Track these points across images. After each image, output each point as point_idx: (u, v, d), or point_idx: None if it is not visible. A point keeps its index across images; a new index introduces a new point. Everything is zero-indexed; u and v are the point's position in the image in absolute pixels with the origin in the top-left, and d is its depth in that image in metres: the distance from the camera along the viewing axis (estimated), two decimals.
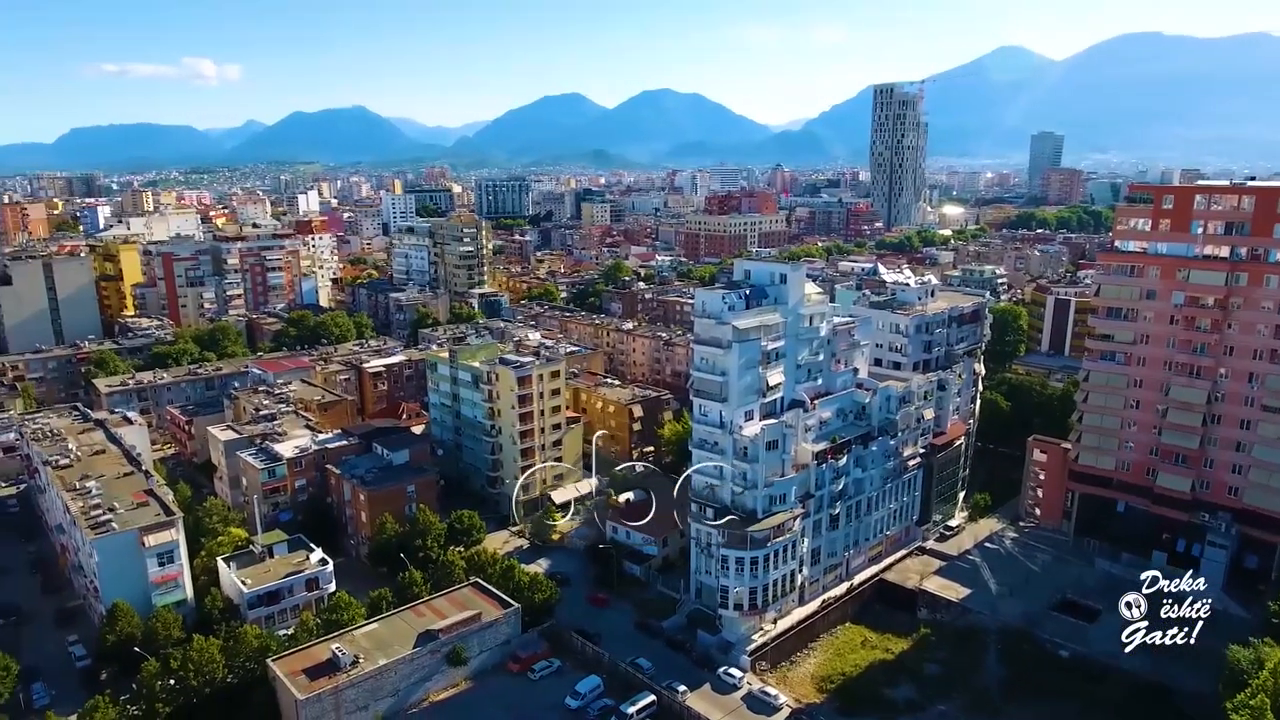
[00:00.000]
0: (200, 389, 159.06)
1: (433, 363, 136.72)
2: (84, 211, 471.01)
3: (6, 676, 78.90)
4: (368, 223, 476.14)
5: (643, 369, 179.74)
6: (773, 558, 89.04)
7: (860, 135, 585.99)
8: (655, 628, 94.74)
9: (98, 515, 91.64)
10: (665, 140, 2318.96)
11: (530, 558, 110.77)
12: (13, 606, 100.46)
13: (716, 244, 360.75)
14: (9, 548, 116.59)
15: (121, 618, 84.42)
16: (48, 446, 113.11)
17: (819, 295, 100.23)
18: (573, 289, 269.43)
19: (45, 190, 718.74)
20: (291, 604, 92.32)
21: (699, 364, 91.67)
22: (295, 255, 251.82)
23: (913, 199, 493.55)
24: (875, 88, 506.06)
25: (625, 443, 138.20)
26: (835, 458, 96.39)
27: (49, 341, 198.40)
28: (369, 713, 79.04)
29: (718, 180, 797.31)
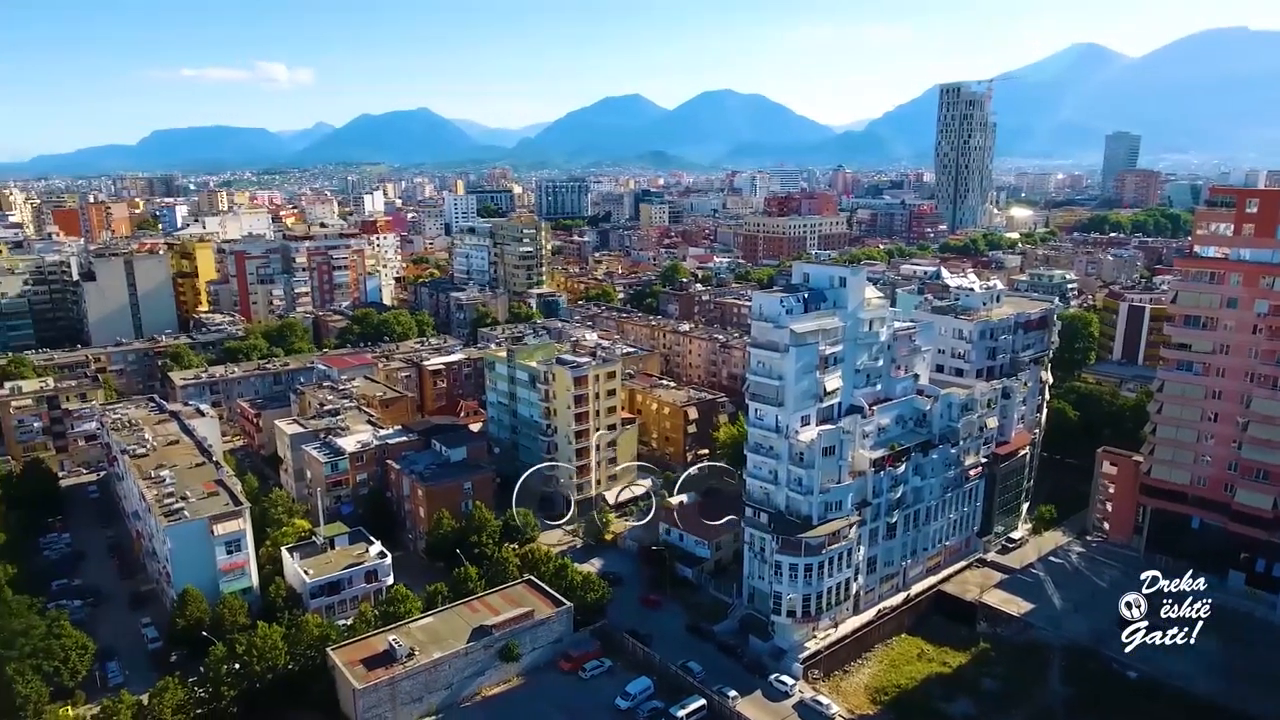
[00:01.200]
0: (268, 383, 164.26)
1: (491, 362, 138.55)
2: (163, 211, 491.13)
3: (85, 655, 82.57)
4: (430, 223, 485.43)
5: (699, 371, 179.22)
6: (827, 565, 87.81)
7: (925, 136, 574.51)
8: (707, 631, 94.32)
9: (171, 503, 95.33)
10: (725, 141, 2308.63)
11: (583, 557, 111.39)
12: (91, 588, 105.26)
13: (775, 246, 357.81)
14: (89, 532, 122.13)
15: (191, 603, 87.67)
16: (126, 436, 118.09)
17: (879, 299, 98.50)
18: (630, 290, 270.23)
19: (128, 190, 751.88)
20: (351, 595, 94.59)
21: (755, 367, 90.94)
22: (360, 254, 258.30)
23: (979, 201, 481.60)
24: (941, 87, 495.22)
25: (680, 445, 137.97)
26: (893, 465, 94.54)
27: (129, 335, 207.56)
28: (423, 704, 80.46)
29: (777, 181, 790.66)
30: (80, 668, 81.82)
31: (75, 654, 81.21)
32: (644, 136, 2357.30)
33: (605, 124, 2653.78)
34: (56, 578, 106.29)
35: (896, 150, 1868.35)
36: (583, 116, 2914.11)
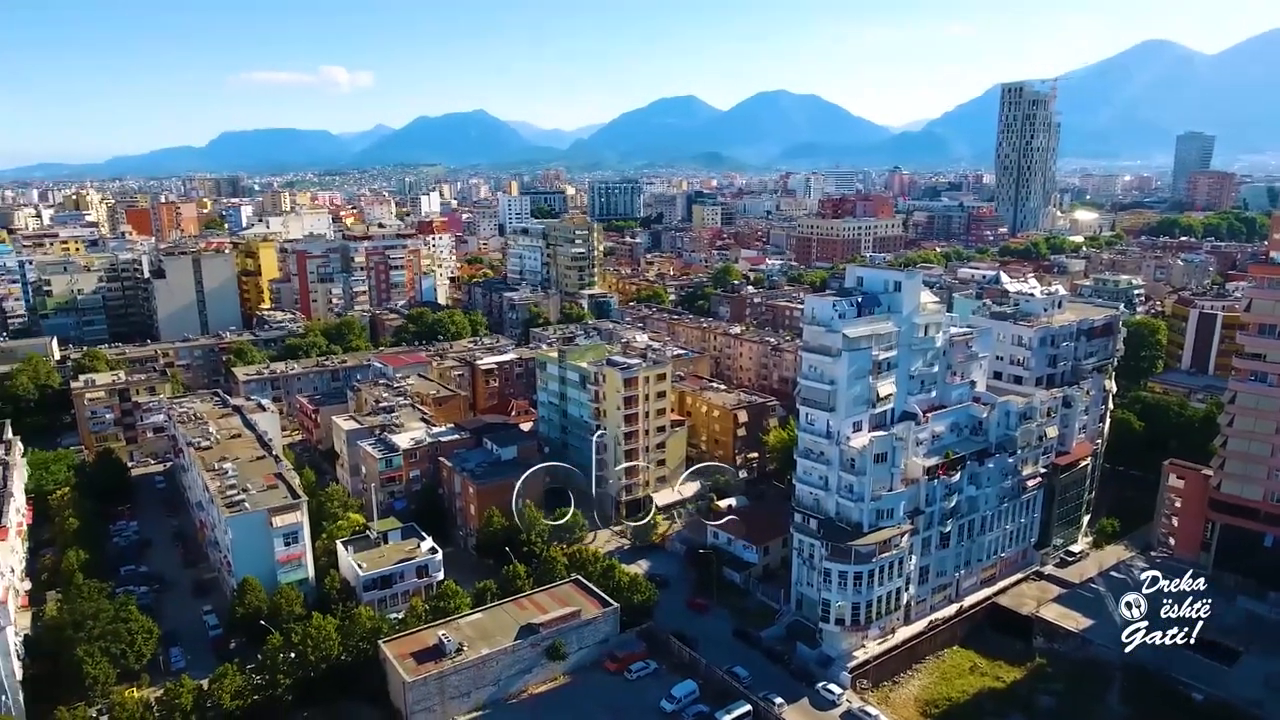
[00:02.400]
0: (326, 380, 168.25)
1: (542, 362, 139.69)
2: (229, 211, 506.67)
3: (150, 639, 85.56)
4: (485, 223, 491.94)
5: (749, 374, 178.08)
6: (878, 573, 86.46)
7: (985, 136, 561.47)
8: (753, 637, 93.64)
9: (233, 495, 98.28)
10: (779, 142, 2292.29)
11: (630, 558, 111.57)
12: (157, 575, 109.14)
13: (829, 248, 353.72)
14: (156, 521, 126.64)
15: (250, 592, 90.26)
16: (191, 429, 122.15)
17: (935, 304, 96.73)
18: (681, 292, 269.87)
19: (196, 191, 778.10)
20: (403, 589, 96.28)
21: (806, 371, 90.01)
22: (416, 254, 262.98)
23: (1041, 203, 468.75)
24: (1003, 86, 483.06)
25: (729, 448, 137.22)
26: (948, 474, 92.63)
27: (195, 331, 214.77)
28: (471, 700, 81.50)
29: (832, 183, 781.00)
30: (145, 651, 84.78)
31: (141, 638, 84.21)
32: (698, 138, 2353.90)
33: (659, 125, 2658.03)
34: (125, 564, 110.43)
35: (955, 151, 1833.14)
36: (636, 118, 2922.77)
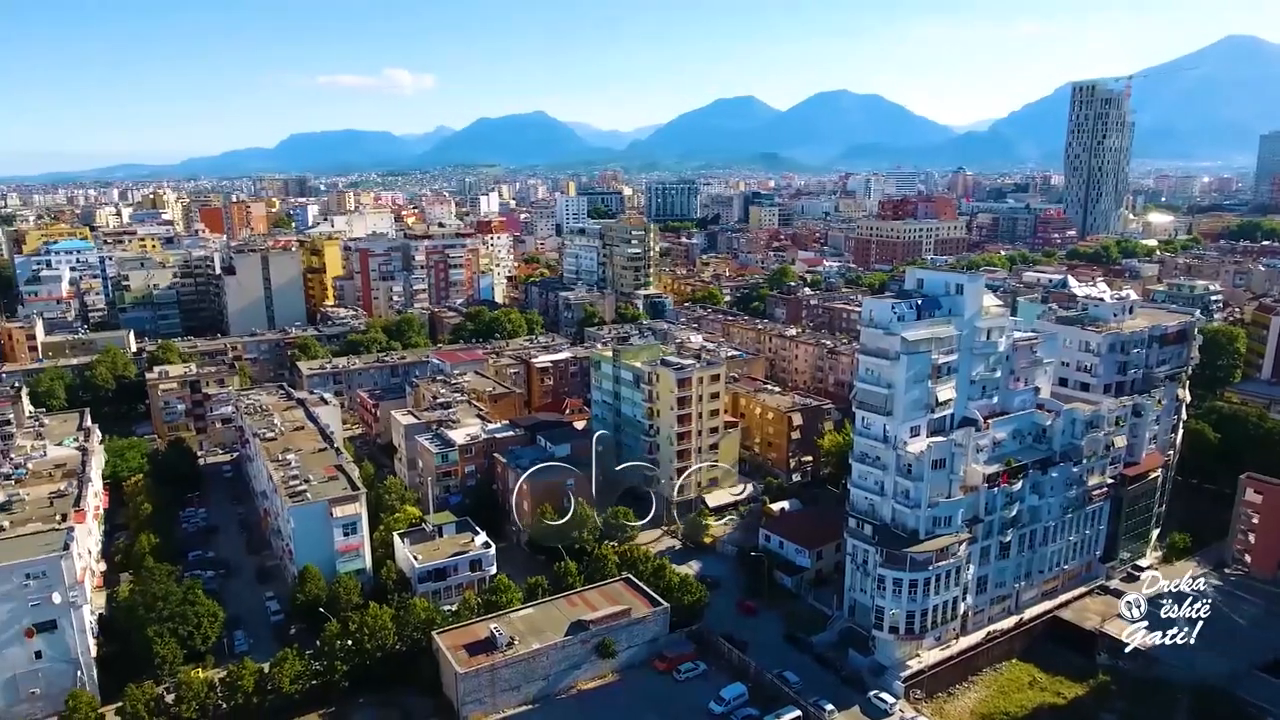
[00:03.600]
0: (386, 375, 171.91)
1: (597, 361, 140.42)
2: (296, 210, 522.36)
3: (215, 622, 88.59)
4: (542, 223, 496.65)
5: (804, 376, 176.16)
6: (934, 582, 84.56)
7: (1054, 136, 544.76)
8: (804, 642, 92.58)
9: (295, 485, 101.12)
10: (839, 143, 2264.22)
11: (681, 559, 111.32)
12: (223, 561, 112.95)
13: (888, 250, 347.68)
14: (223, 508, 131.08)
15: (310, 580, 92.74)
16: (257, 420, 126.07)
17: (999, 308, 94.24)
18: (736, 293, 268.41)
19: (265, 190, 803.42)
20: (456, 582, 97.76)
21: (863, 375, 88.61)
22: (475, 253, 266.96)
23: (1112, 205, 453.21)
24: (1074, 84, 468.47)
25: (783, 451, 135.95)
26: (1009, 482, 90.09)
27: (262, 326, 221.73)
28: (521, 693, 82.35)
29: (893, 184, 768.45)
30: (210, 634, 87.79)
31: (207, 621, 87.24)
32: (755, 138, 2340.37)
33: (716, 126, 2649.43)
34: (193, 549, 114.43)
35: (1022, 152, 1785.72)
36: (694, 119, 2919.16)
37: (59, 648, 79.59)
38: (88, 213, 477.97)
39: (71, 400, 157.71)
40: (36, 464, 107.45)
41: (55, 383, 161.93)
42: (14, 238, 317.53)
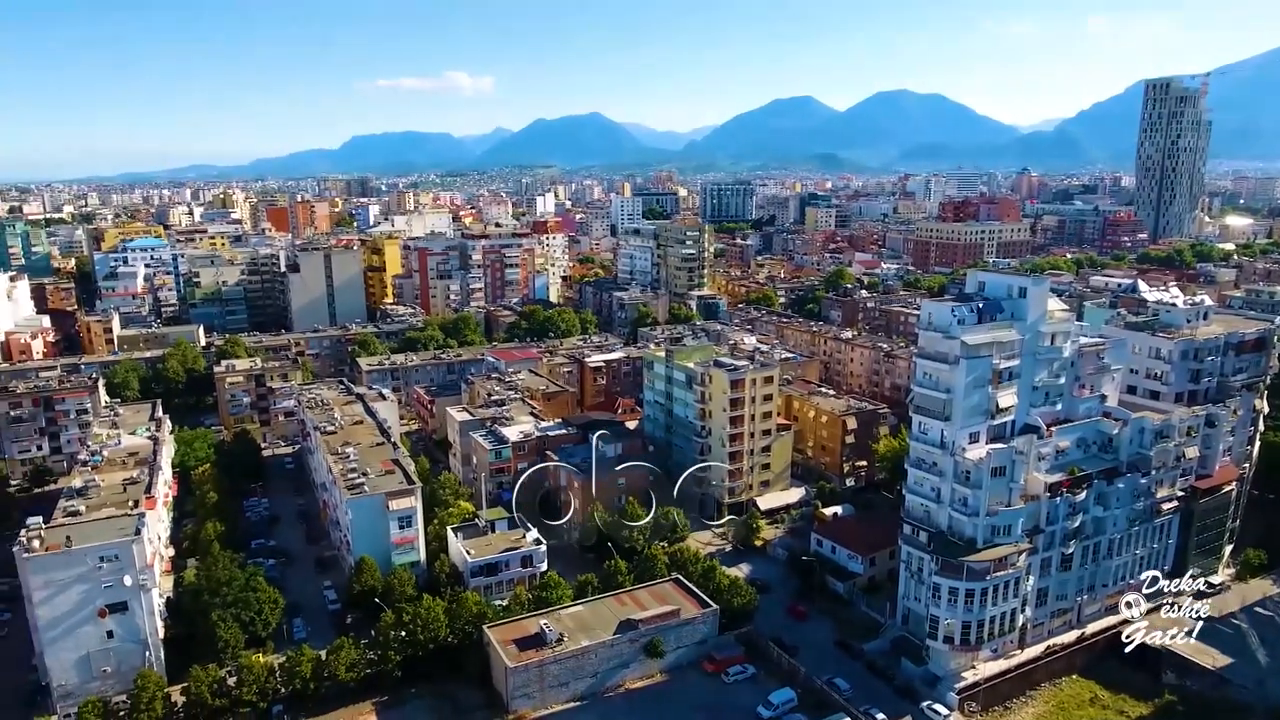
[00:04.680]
0: (442, 372, 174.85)
1: (649, 361, 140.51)
2: (358, 210, 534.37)
3: (275, 609, 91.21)
4: (597, 224, 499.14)
5: (860, 380, 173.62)
6: (991, 592, 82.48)
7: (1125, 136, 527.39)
8: (856, 649, 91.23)
9: (354, 478, 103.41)
10: (899, 143, 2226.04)
11: (731, 561, 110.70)
12: (283, 549, 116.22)
13: (949, 253, 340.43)
14: (284, 499, 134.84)
15: (366, 571, 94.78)
16: (318, 414, 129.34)
17: (1064, 312, 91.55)
18: (791, 295, 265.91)
19: (329, 191, 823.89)
20: (507, 577, 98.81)
21: (921, 379, 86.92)
22: (530, 253, 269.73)
23: (1186, 208, 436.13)
24: (1147, 82, 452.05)
25: (836, 455, 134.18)
26: (1072, 491, 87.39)
27: (324, 323, 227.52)
28: (569, 689, 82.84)
29: (954, 185, 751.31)
30: (271, 620, 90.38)
31: (268, 607, 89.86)
32: (813, 139, 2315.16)
33: (773, 126, 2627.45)
34: (255, 537, 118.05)
35: (1091, 152, 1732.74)
36: (751, 119, 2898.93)
37: (129, 628, 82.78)
38: (162, 212, 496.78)
39: (144, 391, 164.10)
40: (111, 452, 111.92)
41: (130, 374, 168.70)
42: (93, 235, 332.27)
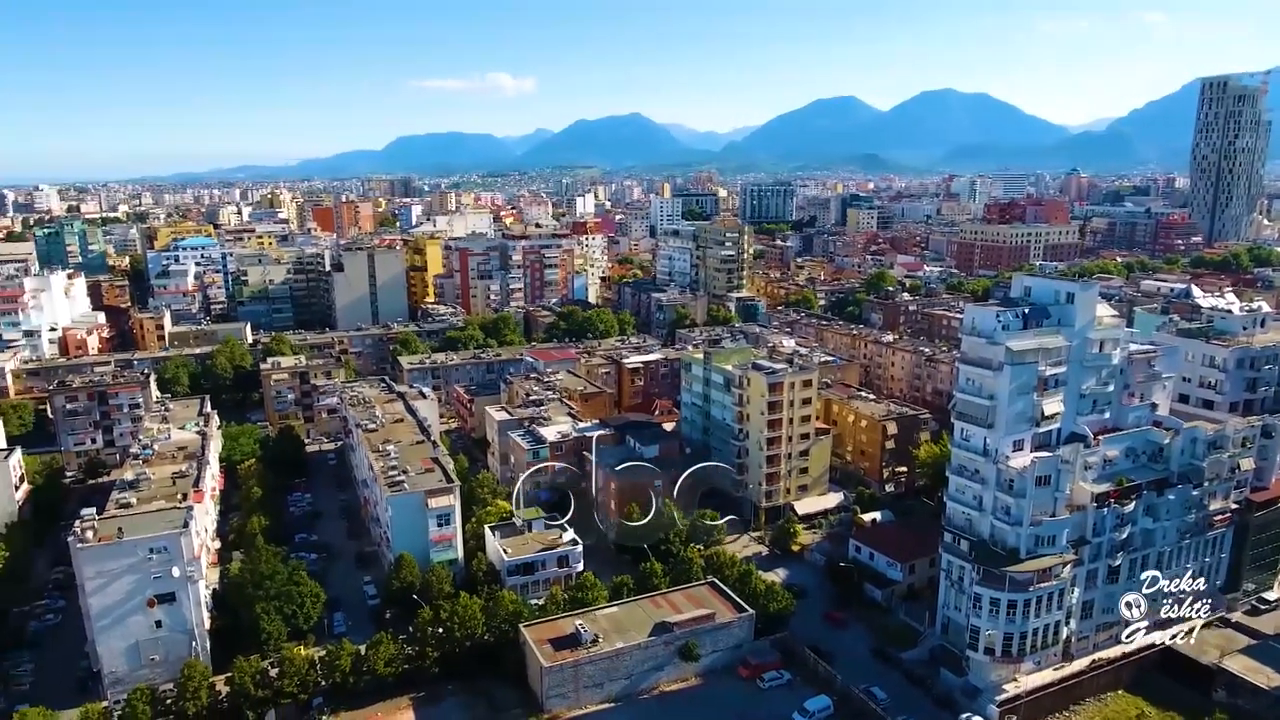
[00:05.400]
0: (482, 371, 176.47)
1: (687, 363, 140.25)
2: (401, 210, 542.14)
3: (317, 603, 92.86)
4: (636, 224, 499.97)
5: (901, 385, 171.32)
6: (1034, 604, 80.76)
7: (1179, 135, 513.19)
8: (894, 657, 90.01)
9: (394, 475, 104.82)
10: (943, 144, 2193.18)
11: (767, 565, 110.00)
12: (325, 545, 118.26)
13: (993, 255, 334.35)
14: (326, 494, 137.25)
15: (405, 567, 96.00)
16: (360, 412, 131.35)
17: (1113, 318, 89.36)
18: (832, 297, 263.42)
19: (373, 191, 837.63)
20: (544, 577, 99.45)
21: (964, 385, 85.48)
22: (570, 254, 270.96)
23: (1244, 210, 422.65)
24: (1203, 81, 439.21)
25: (876, 460, 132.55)
26: (1120, 502, 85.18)
27: (367, 321, 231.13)
28: (603, 690, 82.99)
29: (1000, 186, 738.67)
30: (312, 614, 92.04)
31: (309, 601, 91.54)
32: (855, 139, 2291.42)
33: (815, 127, 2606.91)
34: (298, 532, 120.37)
35: (1143, 152, 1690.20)
36: (792, 119, 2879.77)
37: (177, 618, 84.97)
38: (212, 211, 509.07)
39: (193, 387, 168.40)
40: (162, 446, 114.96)
41: (180, 370, 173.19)
42: (147, 234, 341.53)
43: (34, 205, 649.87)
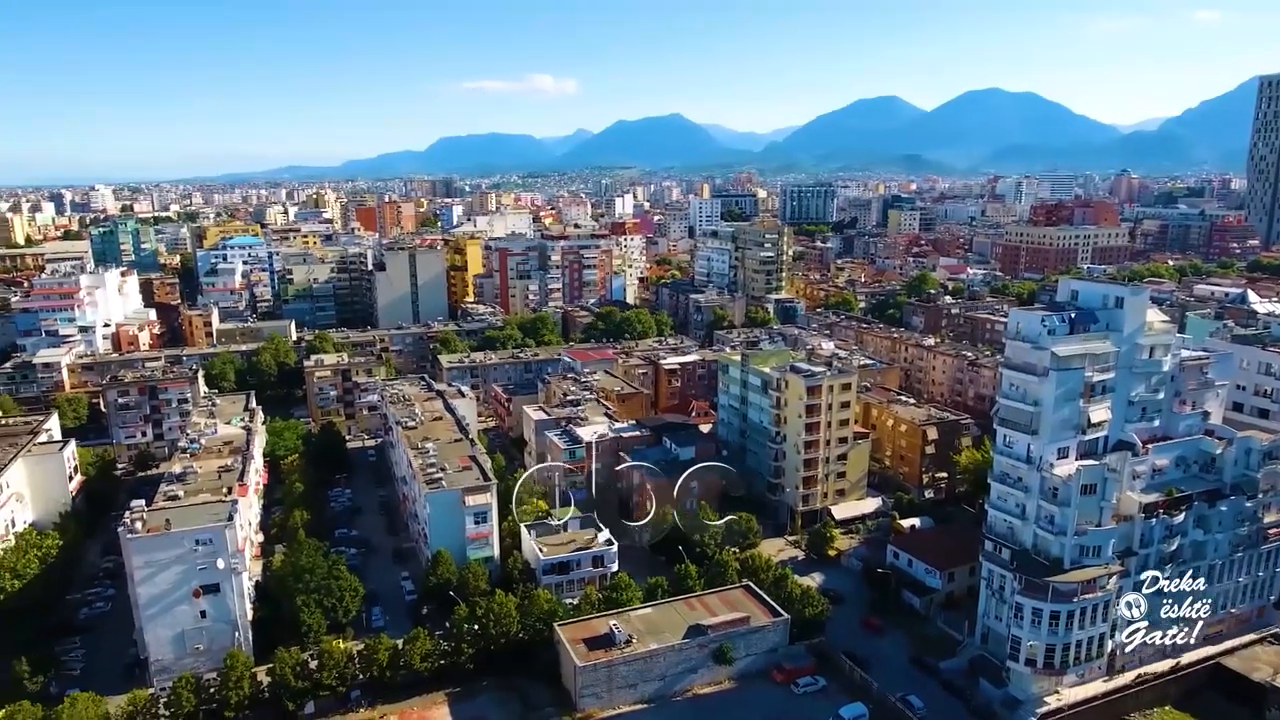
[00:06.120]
0: (520, 371, 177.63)
1: (725, 365, 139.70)
2: (442, 210, 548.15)
3: (356, 597, 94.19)
4: (675, 225, 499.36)
5: (942, 389, 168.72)
6: (1078, 615, 78.82)
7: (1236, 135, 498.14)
8: (931, 666, 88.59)
9: (432, 473, 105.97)
10: (988, 144, 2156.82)
11: (803, 570, 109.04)
12: (364, 540, 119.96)
13: (1039, 258, 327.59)
14: (366, 490, 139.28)
15: (442, 564, 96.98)
16: (400, 409, 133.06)
17: (1164, 323, 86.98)
18: (872, 299, 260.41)
19: (415, 191, 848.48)
20: (579, 576, 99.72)
21: (1007, 390, 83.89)
22: (608, 254, 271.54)
23: None
24: (1261, 79, 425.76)
25: (916, 466, 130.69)
26: (1169, 513, 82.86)
27: (408, 320, 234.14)
28: (637, 691, 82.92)
29: (1047, 187, 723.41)
30: (351, 607, 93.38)
31: (349, 595, 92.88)
32: (898, 139, 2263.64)
33: (856, 127, 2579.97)
34: (338, 527, 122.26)
35: (1197, 153, 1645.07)
36: (833, 120, 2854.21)
37: (221, 609, 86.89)
38: (259, 211, 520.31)
39: (239, 383, 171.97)
40: (208, 440, 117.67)
41: (226, 366, 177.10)
42: (196, 233, 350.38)
43: (90, 205, 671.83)
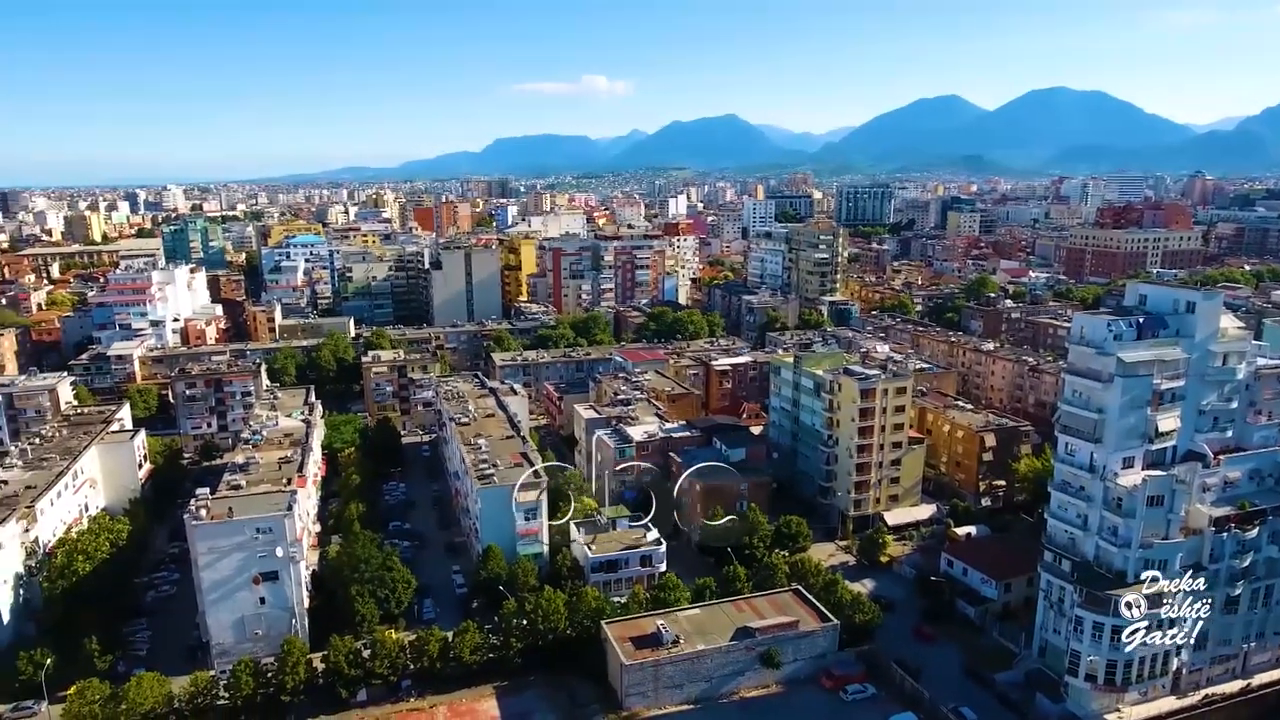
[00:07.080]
0: (571, 370, 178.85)
1: (777, 366, 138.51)
2: (498, 210, 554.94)
3: (408, 589, 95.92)
4: (729, 226, 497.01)
5: (1000, 395, 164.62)
6: (1141, 631, 76.05)
7: None
8: (986, 678, 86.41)
9: (484, 469, 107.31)
10: (1053, 144, 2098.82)
11: (854, 575, 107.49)
12: (417, 533, 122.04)
13: (1106, 262, 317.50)
14: (419, 484, 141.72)
15: (493, 559, 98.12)
16: (454, 406, 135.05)
17: (1239, 330, 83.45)
18: (929, 302, 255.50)
19: (471, 192, 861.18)
20: (627, 575, 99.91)
21: (1070, 397, 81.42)
22: (661, 255, 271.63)
23: None
24: None
25: (972, 473, 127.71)
26: (1242, 527, 79.42)
27: (463, 318, 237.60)
28: (683, 692, 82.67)
29: (1115, 189, 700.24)
30: (404, 599, 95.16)
31: (401, 586, 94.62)
32: (959, 139, 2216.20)
33: (916, 127, 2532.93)
34: (392, 519, 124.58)
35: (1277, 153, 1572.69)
36: (892, 120, 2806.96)
37: (279, 596, 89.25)
38: (321, 210, 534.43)
39: (300, 377, 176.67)
40: (270, 432, 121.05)
41: (288, 361, 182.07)
42: (261, 232, 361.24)
43: (162, 204, 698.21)
